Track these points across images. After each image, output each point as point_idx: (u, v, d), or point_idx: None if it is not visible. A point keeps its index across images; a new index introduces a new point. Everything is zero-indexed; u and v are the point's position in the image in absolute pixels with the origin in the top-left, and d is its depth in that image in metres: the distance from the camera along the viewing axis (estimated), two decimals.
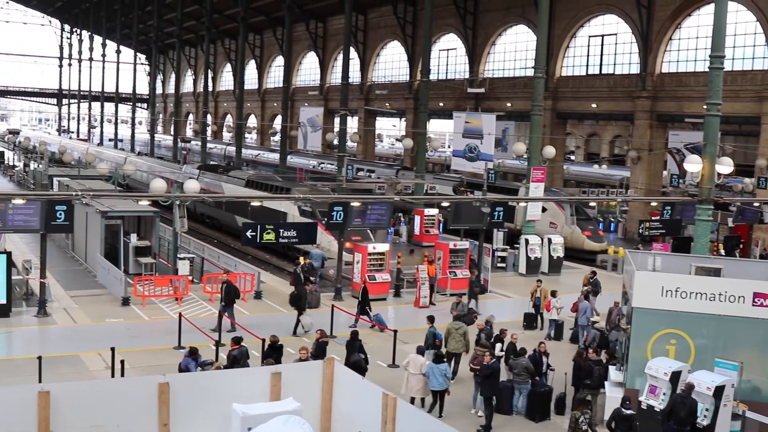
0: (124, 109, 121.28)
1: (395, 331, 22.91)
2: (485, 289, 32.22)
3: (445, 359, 19.33)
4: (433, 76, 54.25)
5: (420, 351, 19.56)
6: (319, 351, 19.34)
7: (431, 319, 22.09)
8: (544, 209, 41.03)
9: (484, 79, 62.85)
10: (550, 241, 37.38)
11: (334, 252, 33.53)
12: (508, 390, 19.18)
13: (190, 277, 30.39)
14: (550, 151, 38.99)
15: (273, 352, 19.74)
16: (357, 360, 18.99)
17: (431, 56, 50.18)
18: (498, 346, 20.75)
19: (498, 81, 62.20)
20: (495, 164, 54.51)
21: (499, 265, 37.31)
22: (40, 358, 19.10)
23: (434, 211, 44.47)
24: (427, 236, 43.61)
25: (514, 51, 62.17)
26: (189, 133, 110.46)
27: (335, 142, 57.87)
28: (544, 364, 19.97)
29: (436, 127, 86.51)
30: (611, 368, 19.41)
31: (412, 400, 18.51)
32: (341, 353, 19.84)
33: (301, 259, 30.99)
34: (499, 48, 63.60)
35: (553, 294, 26.53)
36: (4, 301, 25.55)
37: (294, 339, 23.72)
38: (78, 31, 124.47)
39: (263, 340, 20.33)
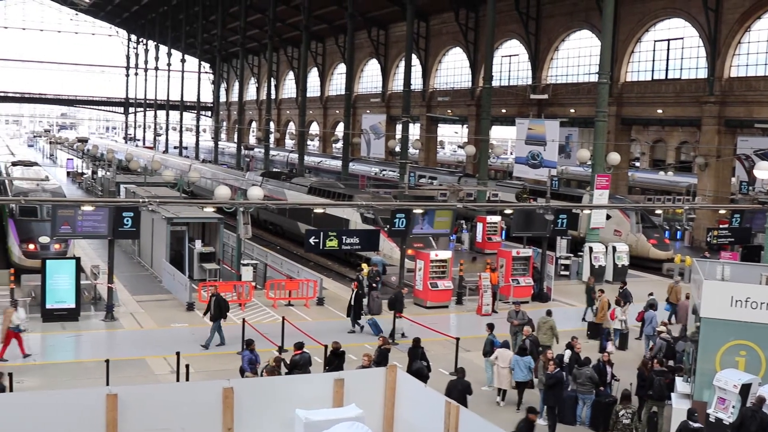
0: (189, 117, 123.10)
1: (457, 339, 22.80)
2: (548, 297, 31.96)
3: (528, 352, 20.05)
4: (495, 83, 53.93)
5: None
6: (381, 358, 19.33)
7: (491, 326, 21.95)
8: (608, 217, 40.54)
9: (547, 85, 62.35)
10: (614, 249, 36.88)
11: (395, 259, 33.54)
12: (572, 400, 18.94)
13: (254, 283, 30.63)
14: (614, 157, 38.49)
15: (335, 359, 19.79)
16: (419, 367, 18.91)
17: (493, 62, 49.96)
18: (567, 353, 20.51)
19: (561, 87, 61.64)
20: (558, 171, 54.03)
21: (562, 273, 36.91)
22: (107, 361, 19.41)
23: (497, 219, 44.20)
24: (490, 244, 43.35)
25: (577, 56, 61.56)
26: (252, 140, 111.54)
27: (397, 149, 57.96)
28: (608, 374, 19.68)
29: (498, 133, 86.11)
30: (678, 379, 19.02)
31: (499, 392, 20.20)
32: (403, 360, 19.80)
33: (364, 266, 31.02)
34: (563, 53, 63.04)
35: (618, 303, 26.14)
36: (73, 306, 26.07)
37: (358, 345, 23.72)
38: (144, 41, 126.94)
39: (325, 347, 20.40)
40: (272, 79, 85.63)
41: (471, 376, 21.11)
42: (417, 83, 73.73)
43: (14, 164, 55.72)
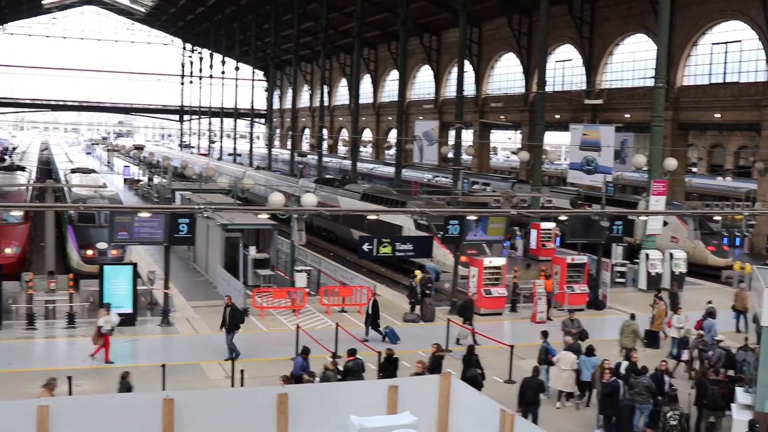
0: (243, 125, 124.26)
1: (512, 347, 22.63)
2: (604, 305, 31.59)
3: (595, 352, 20.20)
4: (548, 88, 53.47)
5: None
6: (434, 365, 19.26)
7: (545, 334, 21.72)
8: (665, 223, 39.93)
9: (601, 90, 61.72)
10: (671, 256, 36.30)
11: (449, 266, 33.43)
12: (629, 409, 18.64)
13: (307, 289, 30.76)
14: (671, 163, 37.94)
15: (389, 365, 19.77)
16: (474, 375, 18.81)
17: (547, 67, 49.52)
18: (624, 363, 20.22)
19: (616, 92, 60.96)
20: (614, 177, 53.41)
21: (618, 280, 36.42)
22: (163, 366, 19.63)
23: (551, 225, 43.84)
24: (544, 250, 43.01)
25: (632, 61, 60.83)
26: (305, 147, 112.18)
27: (450, 155, 57.75)
28: (666, 384, 19.35)
29: (552, 139, 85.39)
30: (739, 390, 18.61)
31: (560, 395, 20.37)
32: (457, 368, 19.70)
33: (417, 273, 30.98)
34: (617, 58, 62.35)
35: (675, 311, 25.72)
36: (130, 311, 26.42)
37: (411, 351, 23.65)
38: (199, 49, 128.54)
39: (379, 353, 20.38)
40: (325, 86, 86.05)
41: None
42: (470, 89, 73.53)
43: (73, 171, 56.73)
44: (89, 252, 34.46)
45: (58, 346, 24.84)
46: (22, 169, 58.75)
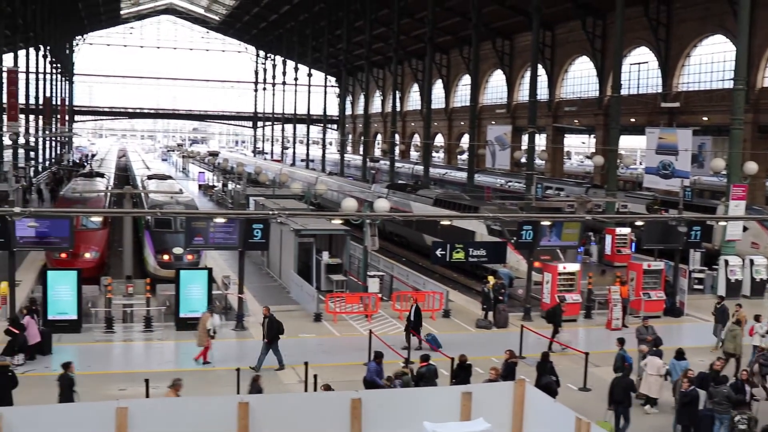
0: (315, 131, 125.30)
1: (586, 354, 22.30)
2: (681, 312, 30.94)
3: (685, 356, 20.15)
4: (623, 91, 52.61)
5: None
6: (507, 372, 19.08)
7: (621, 341, 21.29)
8: (745, 228, 38.92)
9: (678, 93, 60.56)
10: (752, 262, 35.35)
11: (522, 271, 33.13)
12: (708, 419, 18.16)
13: (380, 295, 30.77)
14: (751, 167, 36.99)
15: (461, 371, 19.66)
16: (548, 382, 18.58)
17: (622, 70, 48.77)
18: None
19: (693, 94, 59.74)
20: (691, 181, 52.31)
21: (696, 287, 35.60)
22: (238, 370, 19.83)
23: (626, 230, 43.12)
24: (619, 256, 42.32)
25: (710, 62, 59.56)
26: (377, 152, 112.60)
27: (523, 160, 57.29)
28: (747, 393, 18.81)
29: (627, 143, 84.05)
30: None
31: (647, 400, 19.95)
32: (531, 375, 19.47)
33: (490, 278, 30.77)
34: (695, 60, 61.09)
35: (757, 319, 25.02)
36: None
37: (484, 358, 23.47)
38: (272, 56, 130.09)
39: (452, 359, 20.27)
40: (397, 91, 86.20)
41: (601, 393, 20.63)
42: (543, 93, 72.86)
43: (150, 178, 57.85)
44: (165, 257, 35.04)
45: (136, 349, 25.30)
46: (101, 175, 60.15)
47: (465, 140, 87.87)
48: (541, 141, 73.05)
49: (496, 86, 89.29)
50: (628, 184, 72.12)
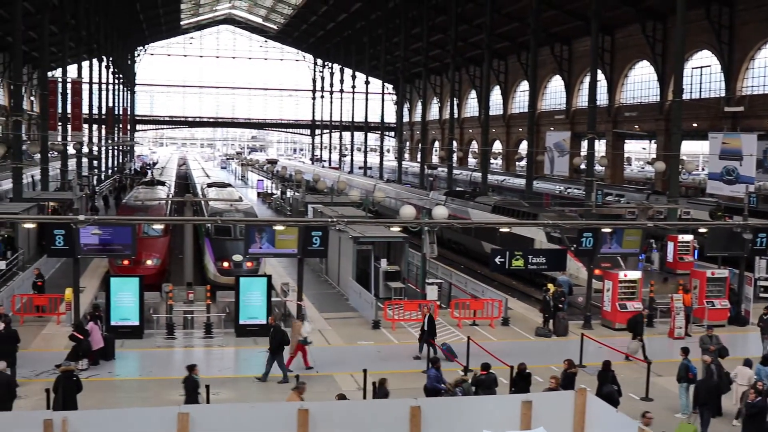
0: (373, 138, 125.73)
1: (649, 363, 21.95)
2: (746, 321, 30.29)
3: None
4: (685, 96, 51.76)
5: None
6: (567, 382, 18.82)
7: (685, 350, 20.89)
8: None
9: (742, 97, 59.38)
10: None
11: (582, 279, 32.76)
12: None
13: (438, 302, 30.67)
14: None
15: (521, 380, 19.48)
16: (610, 391, 18.32)
17: (683, 74, 47.98)
18: None
19: (758, 98, 58.50)
20: (756, 187, 51.25)
21: (762, 295, 34.80)
22: (297, 376, 19.92)
23: (689, 237, 42.38)
24: (681, 264, 41.59)
25: None
26: (435, 159, 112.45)
27: (582, 166, 56.70)
28: None
29: (689, 148, 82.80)
30: None
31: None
32: (592, 384, 19.20)
33: (550, 286, 30.47)
34: (759, 63, 59.83)
35: None
36: (264, 322, 26.94)
37: (543, 366, 23.23)
38: (329, 64, 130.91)
39: (511, 368, 20.10)
40: (454, 98, 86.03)
41: (663, 403, 20.35)
42: (602, 98, 72.10)
43: (209, 186, 58.49)
44: (225, 264, 35.36)
45: (196, 355, 25.52)
46: (162, 183, 61.00)
47: (523, 147, 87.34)
48: (600, 147, 72.19)
49: (554, 92, 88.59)
50: (691, 190, 71.02)
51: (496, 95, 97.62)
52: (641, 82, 73.14)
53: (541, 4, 61.61)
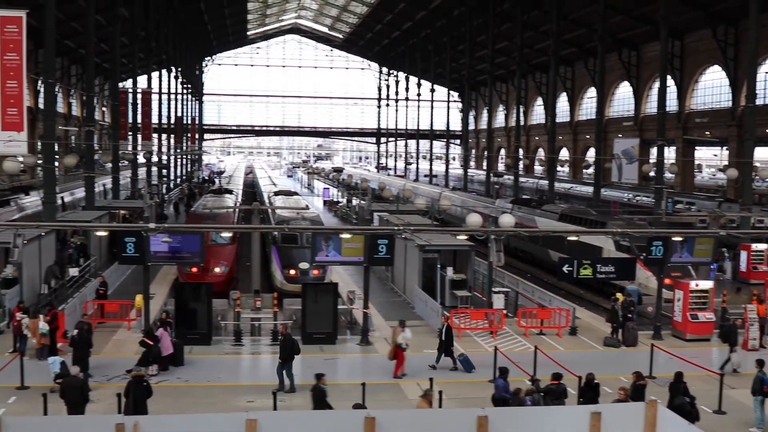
0: (438, 146, 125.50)
1: (721, 375, 21.45)
2: None
3: None
4: (759, 101, 50.63)
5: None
6: (636, 394, 18.48)
7: (760, 363, 20.33)
8: None
9: None
10: None
11: (651, 288, 32.22)
12: None
13: (505, 311, 30.46)
14: None
15: (589, 391, 19.21)
16: (682, 403, 17.95)
17: (756, 79, 46.88)
18: None
19: None
20: None
21: None
22: (363, 384, 19.92)
23: (763, 246, 41.40)
24: (755, 273, 40.63)
25: None
26: (501, 167, 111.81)
27: (652, 173, 55.80)
28: None
29: (763, 154, 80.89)
30: None
31: None
32: (663, 395, 18.83)
33: (619, 296, 30.03)
34: None
35: None
36: (331, 330, 27.06)
37: (612, 377, 22.87)
38: (395, 72, 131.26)
39: (579, 378, 19.82)
40: (520, 105, 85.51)
41: (737, 417, 19.88)
42: (672, 104, 70.87)
43: (276, 194, 59.06)
44: (292, 272, 35.61)
45: (263, 362, 25.75)
46: (230, 192, 61.76)
47: (591, 154, 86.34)
48: (670, 154, 71.03)
49: (622, 98, 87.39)
50: (765, 197, 69.39)
51: (562, 102, 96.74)
52: (712, 87, 71.72)
53: (608, 9, 60.90)
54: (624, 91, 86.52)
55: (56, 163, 46.01)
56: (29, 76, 40.75)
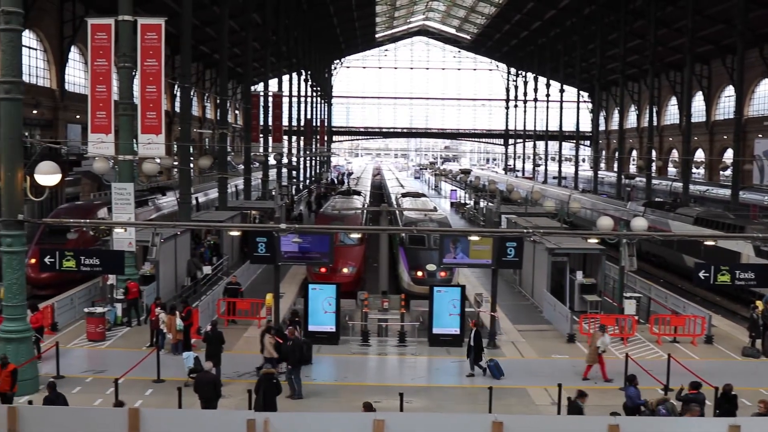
0: (567, 147, 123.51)
1: None
2: None
3: None
4: None
5: None
6: None
7: None
8: None
9: None
10: None
11: None
12: None
13: (637, 317, 29.64)
14: None
15: (725, 402, 18.47)
16: None
17: None
18: None
19: None
20: None
21: None
22: (490, 388, 19.74)
23: None
24: None
25: None
26: (632, 169, 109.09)
27: None
28: None
29: None
30: None
31: None
32: None
33: (759, 304, 28.76)
34: None
35: None
36: (458, 332, 26.92)
37: (751, 389, 21.91)
38: (523, 73, 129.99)
39: (716, 389, 19.06)
40: (653, 105, 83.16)
41: None
42: None
43: (404, 195, 59.27)
44: (419, 273, 35.64)
45: (390, 363, 25.85)
46: (358, 193, 62.37)
47: (728, 155, 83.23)
48: None
49: (764, 96, 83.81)
50: None
51: (698, 101, 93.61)
52: None
53: (748, 3, 58.53)
54: (765, 89, 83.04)
55: (191, 165, 47.47)
56: (166, 80, 42.15)
